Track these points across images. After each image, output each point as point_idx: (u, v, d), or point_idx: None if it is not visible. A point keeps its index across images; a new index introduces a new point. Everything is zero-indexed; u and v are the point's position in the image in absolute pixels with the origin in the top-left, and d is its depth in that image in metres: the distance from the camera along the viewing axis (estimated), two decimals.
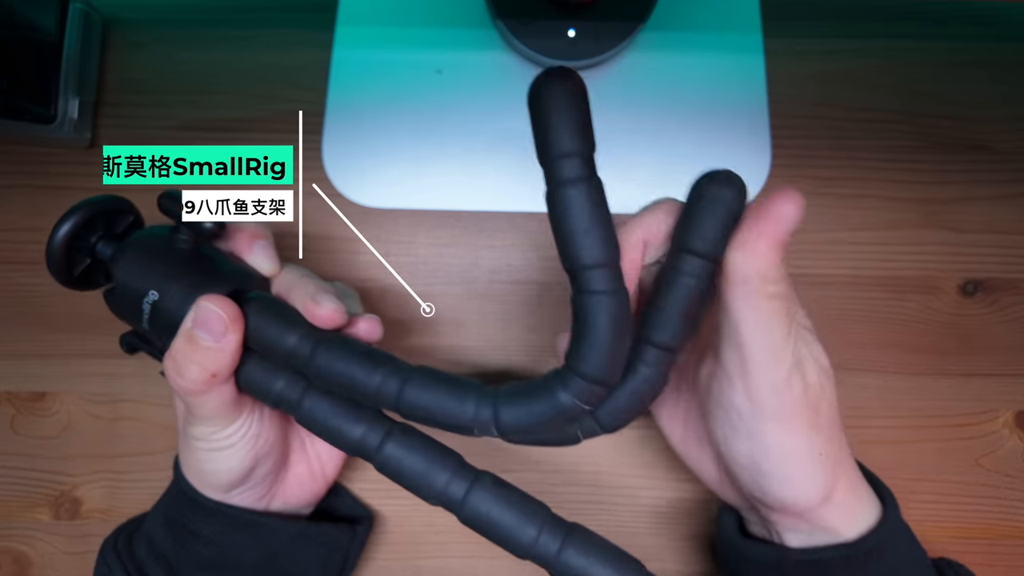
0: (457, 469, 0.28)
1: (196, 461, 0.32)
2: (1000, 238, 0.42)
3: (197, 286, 0.28)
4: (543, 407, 0.26)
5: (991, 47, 0.44)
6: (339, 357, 0.28)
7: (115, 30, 0.45)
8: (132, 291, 0.29)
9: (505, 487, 0.28)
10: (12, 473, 0.42)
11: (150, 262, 0.29)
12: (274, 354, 0.29)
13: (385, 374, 0.28)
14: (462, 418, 0.27)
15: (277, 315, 0.29)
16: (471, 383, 0.28)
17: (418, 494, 0.28)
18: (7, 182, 0.44)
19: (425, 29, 0.45)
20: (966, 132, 0.43)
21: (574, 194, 0.25)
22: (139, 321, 0.29)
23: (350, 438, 0.28)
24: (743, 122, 0.43)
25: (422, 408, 0.27)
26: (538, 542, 0.27)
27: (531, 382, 0.27)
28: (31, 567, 0.42)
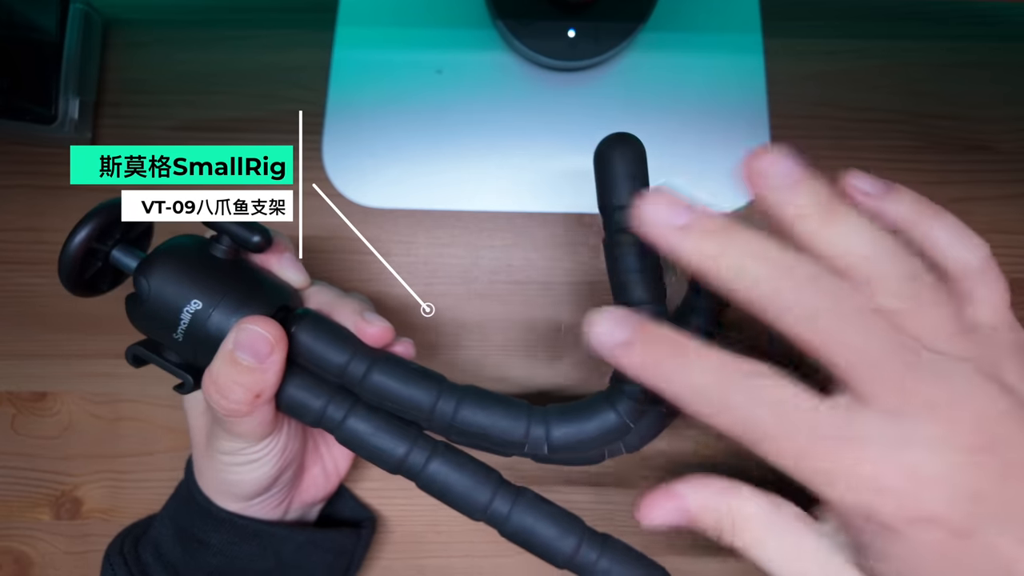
0: (499, 486, 0.29)
1: (221, 474, 0.32)
2: (1002, 238, 0.42)
3: (246, 300, 0.28)
4: (594, 425, 0.28)
5: (993, 47, 0.44)
6: (395, 376, 0.28)
7: (115, 30, 0.46)
8: (168, 301, 0.28)
9: (545, 502, 0.29)
10: (13, 473, 0.42)
11: (190, 271, 0.28)
12: (325, 371, 0.29)
13: (441, 393, 0.28)
14: (515, 436, 0.28)
15: (329, 333, 0.29)
16: (522, 403, 0.29)
17: (463, 510, 0.29)
18: (7, 182, 0.44)
19: (425, 29, 0.45)
20: (967, 132, 0.43)
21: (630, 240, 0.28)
22: (171, 331, 0.28)
23: (395, 457, 0.28)
24: (743, 122, 0.43)
25: (477, 426, 0.28)
26: (578, 552, 0.28)
27: (580, 402, 0.29)
28: (32, 567, 0.42)
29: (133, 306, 0.29)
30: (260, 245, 0.29)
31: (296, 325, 0.28)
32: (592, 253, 0.43)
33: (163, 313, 0.28)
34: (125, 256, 0.29)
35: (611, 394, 0.28)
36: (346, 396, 0.29)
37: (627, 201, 0.28)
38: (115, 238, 0.30)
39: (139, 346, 0.30)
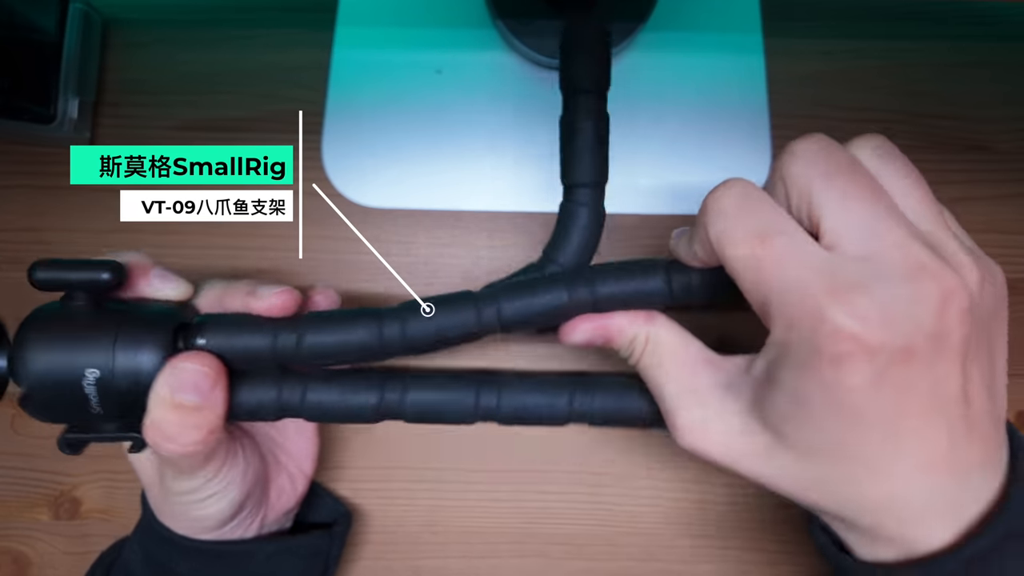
0: (479, 383, 0.29)
1: (185, 512, 0.31)
2: (1001, 238, 0.42)
3: (138, 340, 0.26)
4: (544, 300, 0.27)
5: (992, 47, 0.44)
6: (327, 328, 0.27)
7: (115, 30, 0.45)
8: (59, 383, 0.25)
9: (527, 376, 0.29)
10: (12, 473, 0.42)
11: (61, 343, 0.26)
12: (255, 361, 0.27)
13: (381, 320, 0.27)
14: (470, 325, 0.28)
15: (239, 325, 0.27)
16: (465, 293, 0.29)
17: (457, 421, 0.29)
18: (7, 182, 0.44)
19: (425, 29, 0.45)
20: (966, 132, 0.43)
21: (585, 126, 0.31)
22: (84, 410, 0.26)
23: (369, 408, 0.28)
24: (743, 122, 0.43)
25: (433, 333, 0.27)
26: (573, 404, 0.29)
27: (522, 280, 0.29)
28: (30, 567, 0.42)
29: (30, 406, 0.27)
30: (113, 280, 0.26)
31: (201, 335, 0.27)
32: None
33: (65, 399, 0.26)
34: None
35: (572, 276, 0.28)
36: (293, 377, 0.28)
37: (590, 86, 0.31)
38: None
39: (68, 434, 0.28)
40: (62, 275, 0.26)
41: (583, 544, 0.41)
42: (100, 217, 0.43)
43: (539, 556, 0.41)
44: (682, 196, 0.43)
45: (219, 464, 0.29)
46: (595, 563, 0.41)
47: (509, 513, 0.41)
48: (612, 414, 0.29)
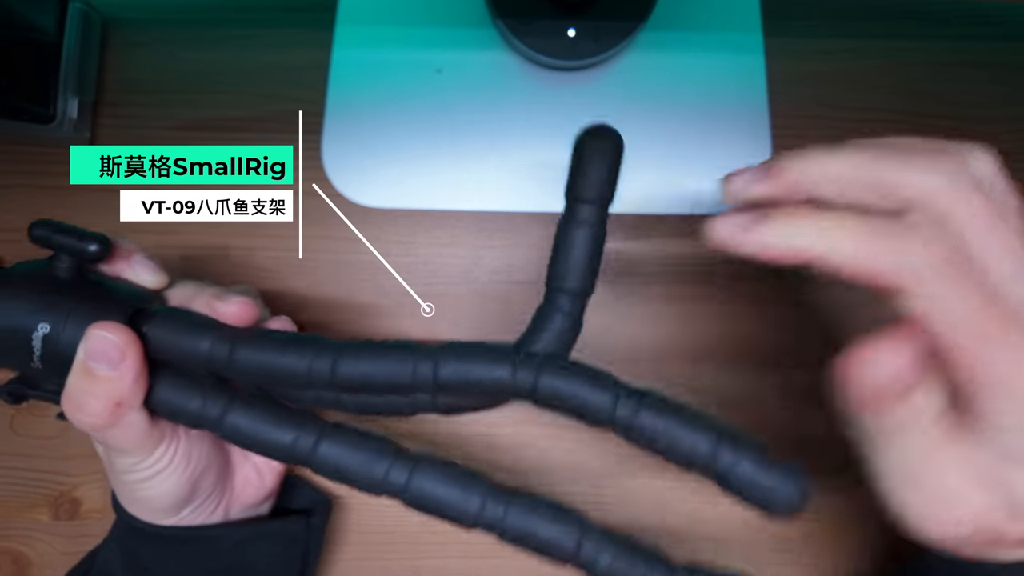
0: (396, 454, 0.27)
1: (130, 492, 0.31)
2: None
3: (93, 311, 0.27)
4: (483, 370, 0.26)
5: (991, 47, 0.44)
6: (263, 347, 0.27)
7: (114, 30, 0.45)
8: (15, 328, 0.27)
9: (447, 464, 0.27)
10: (11, 473, 0.42)
11: (31, 295, 0.27)
12: (192, 363, 0.27)
13: (318, 351, 0.26)
14: (403, 377, 0.26)
15: (186, 323, 0.27)
16: (407, 345, 0.27)
17: (362, 487, 0.27)
18: (6, 182, 0.44)
19: (425, 29, 0.45)
20: (966, 132, 0.43)
21: (581, 234, 0.29)
22: (28, 361, 0.27)
23: (282, 444, 0.27)
24: (743, 122, 0.43)
25: (360, 375, 0.26)
26: (484, 511, 0.27)
27: (476, 343, 0.27)
28: (30, 567, 0.42)
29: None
30: (98, 253, 0.27)
31: (148, 323, 0.27)
32: None
33: (13, 344, 0.27)
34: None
35: (517, 349, 0.27)
36: (223, 392, 0.28)
37: (593, 196, 0.29)
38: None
39: (13, 383, 0.29)
40: (54, 236, 0.27)
41: None
42: (100, 217, 0.43)
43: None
44: (682, 196, 0.43)
45: (152, 444, 0.28)
46: None
47: None
48: None
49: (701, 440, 0.25)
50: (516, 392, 0.26)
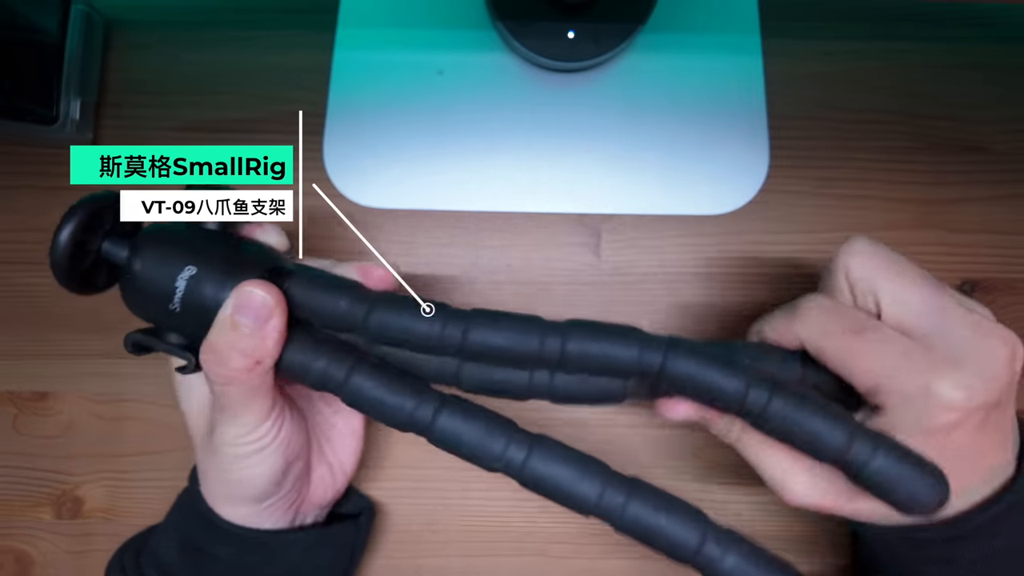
0: (513, 432, 0.28)
1: (226, 473, 0.31)
2: (997, 238, 0.42)
3: (236, 264, 0.28)
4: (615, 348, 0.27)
5: (989, 49, 0.44)
6: (398, 309, 0.27)
7: (117, 31, 0.46)
8: (160, 271, 0.28)
9: (565, 448, 0.28)
10: (14, 472, 0.43)
11: (178, 242, 0.28)
12: (326, 321, 0.28)
13: (448, 316, 0.27)
14: (531, 347, 0.27)
15: (324, 281, 0.28)
16: (536, 318, 0.28)
17: (477, 461, 0.28)
18: (9, 182, 0.44)
19: (425, 30, 0.45)
20: (963, 133, 0.43)
21: None
22: (167, 303, 0.28)
23: (403, 410, 0.27)
24: (742, 123, 0.43)
25: (490, 343, 0.27)
26: (603, 498, 0.27)
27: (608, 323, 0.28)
28: (33, 566, 0.42)
29: (127, 287, 0.29)
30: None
31: (287, 280, 0.28)
32: (592, 253, 0.43)
33: (157, 285, 0.28)
34: (116, 247, 0.29)
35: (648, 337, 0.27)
36: (349, 354, 0.28)
37: None
38: (104, 231, 0.29)
39: (138, 333, 0.30)
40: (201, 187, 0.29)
41: (583, 544, 0.41)
42: None
43: (539, 555, 0.41)
44: (682, 196, 0.43)
45: (266, 412, 0.29)
46: (595, 562, 0.41)
47: (509, 512, 0.41)
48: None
49: (836, 431, 0.26)
50: (642, 371, 0.27)
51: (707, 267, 0.43)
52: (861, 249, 0.29)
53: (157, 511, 0.42)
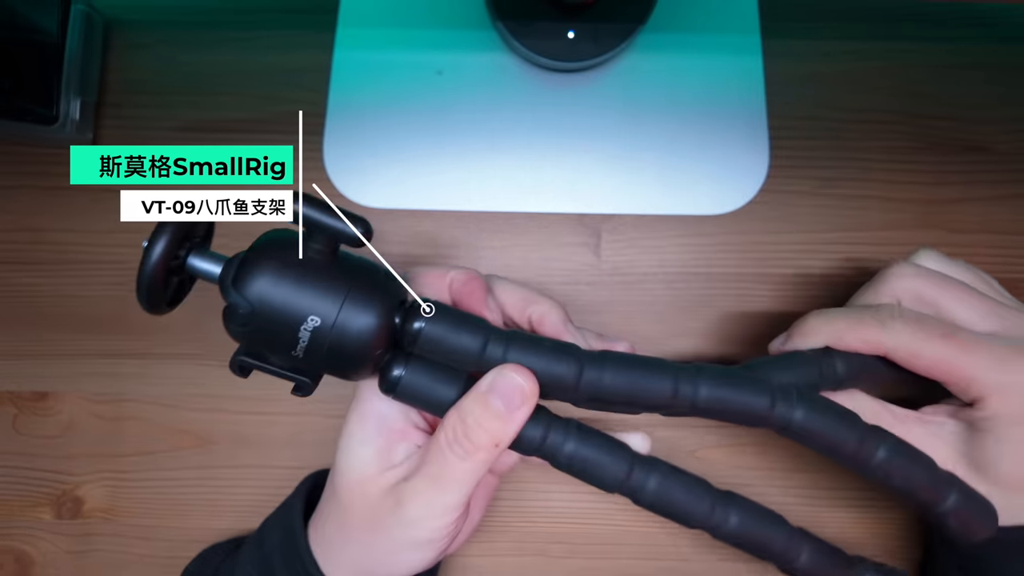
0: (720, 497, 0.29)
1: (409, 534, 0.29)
2: (997, 238, 0.42)
3: (367, 301, 0.26)
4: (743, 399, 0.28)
5: (989, 49, 0.44)
6: (534, 352, 0.28)
7: (117, 31, 0.46)
8: (278, 318, 0.26)
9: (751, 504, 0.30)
10: (14, 472, 0.43)
11: (294, 281, 0.26)
12: (459, 358, 0.28)
13: (579, 359, 0.28)
14: (663, 396, 0.28)
15: (459, 320, 0.28)
16: (665, 364, 0.28)
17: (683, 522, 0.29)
18: (9, 182, 0.44)
19: (425, 31, 0.45)
20: (964, 133, 0.43)
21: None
22: (286, 349, 0.26)
23: (616, 477, 0.28)
24: (742, 123, 0.43)
25: (614, 389, 0.28)
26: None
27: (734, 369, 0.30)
28: (33, 566, 0.42)
29: (234, 323, 0.26)
30: (360, 241, 0.26)
31: (421, 320, 0.27)
32: (592, 253, 0.43)
33: (274, 333, 0.26)
34: (203, 262, 0.27)
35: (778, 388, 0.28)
36: (559, 420, 0.28)
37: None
38: (186, 245, 0.27)
39: (244, 357, 0.28)
40: (319, 217, 0.26)
41: (583, 544, 0.41)
42: (101, 217, 0.43)
43: (539, 555, 0.41)
44: (682, 196, 0.43)
45: (471, 489, 0.29)
46: (595, 562, 0.41)
47: (509, 513, 0.41)
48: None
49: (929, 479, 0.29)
50: (769, 424, 0.28)
51: (707, 267, 0.43)
52: (913, 272, 0.31)
53: (157, 511, 0.42)
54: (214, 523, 0.42)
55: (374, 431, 0.30)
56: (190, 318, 0.43)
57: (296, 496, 0.35)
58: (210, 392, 0.42)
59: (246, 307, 0.26)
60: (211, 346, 0.43)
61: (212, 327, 0.43)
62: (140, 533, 0.42)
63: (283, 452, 0.42)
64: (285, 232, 0.28)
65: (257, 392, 0.42)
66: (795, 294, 0.42)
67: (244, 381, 0.42)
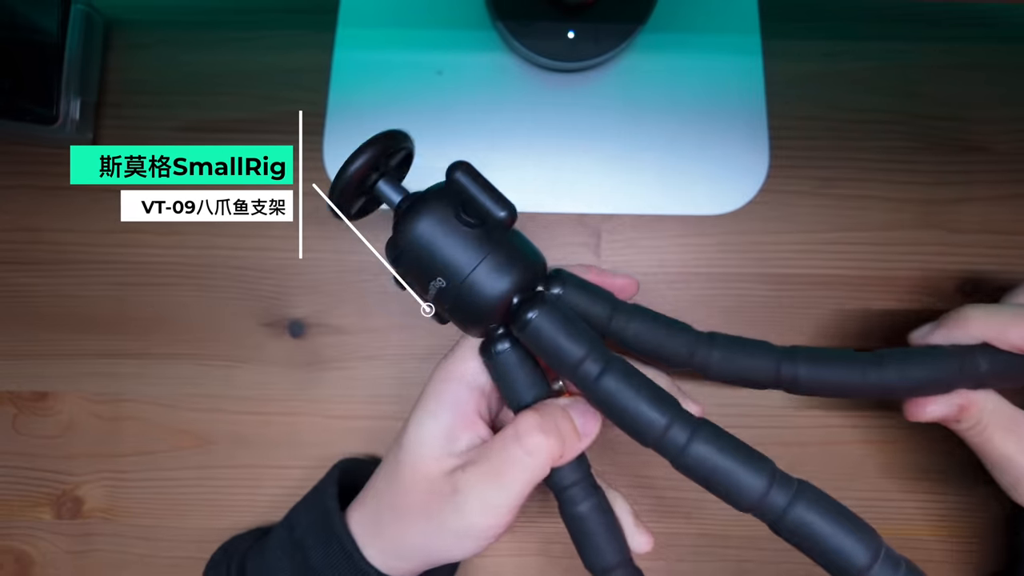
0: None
1: (462, 521, 0.29)
2: (997, 238, 0.42)
3: (490, 279, 0.28)
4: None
5: (989, 49, 0.44)
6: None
7: (117, 31, 0.46)
8: (418, 267, 0.29)
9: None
10: (14, 472, 0.43)
11: (437, 238, 0.28)
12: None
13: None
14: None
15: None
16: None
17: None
18: (9, 182, 0.44)
19: (425, 31, 0.45)
20: (964, 133, 0.43)
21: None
22: (424, 290, 0.29)
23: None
24: (742, 123, 0.43)
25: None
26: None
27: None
28: (33, 566, 0.42)
29: (392, 249, 0.30)
30: (506, 221, 0.29)
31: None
32: (592, 253, 0.43)
33: (414, 275, 0.29)
34: (389, 189, 0.30)
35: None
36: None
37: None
38: (381, 169, 0.30)
39: (397, 275, 0.31)
40: (471, 190, 0.29)
41: None
42: (100, 217, 0.43)
43: (539, 555, 0.41)
44: (681, 196, 0.43)
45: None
46: None
47: None
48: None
49: None
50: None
51: (707, 267, 0.43)
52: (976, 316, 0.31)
53: (156, 511, 0.42)
54: (213, 523, 0.42)
55: (447, 406, 0.30)
56: (189, 318, 0.43)
57: (328, 481, 0.36)
58: (209, 392, 0.42)
59: (402, 244, 0.29)
60: (210, 346, 0.43)
61: (212, 327, 0.43)
62: (140, 533, 0.42)
63: (282, 452, 0.42)
64: (448, 192, 0.30)
65: (255, 392, 0.42)
66: (795, 294, 0.42)
67: (242, 381, 0.42)
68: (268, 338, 0.43)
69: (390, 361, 0.43)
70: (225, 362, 0.43)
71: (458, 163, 0.29)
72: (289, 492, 0.42)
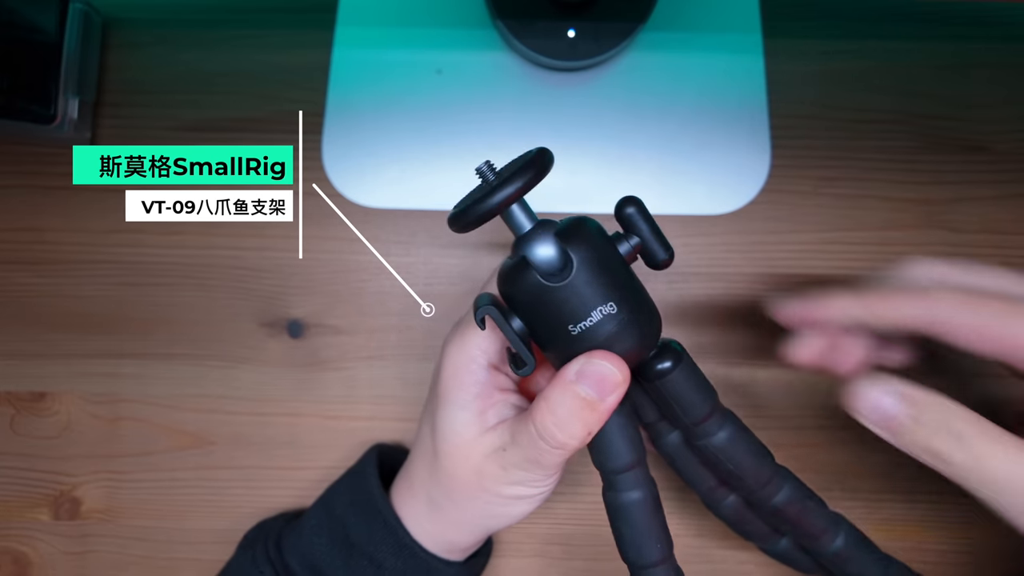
0: None
1: (490, 506, 0.31)
2: (997, 238, 0.42)
3: (653, 313, 0.27)
4: None
5: (990, 48, 0.44)
6: (742, 442, 0.29)
7: (115, 30, 0.46)
8: (581, 295, 0.26)
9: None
10: (12, 473, 0.42)
11: (605, 267, 0.26)
12: (681, 412, 0.28)
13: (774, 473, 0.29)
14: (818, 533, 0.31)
15: (698, 379, 0.28)
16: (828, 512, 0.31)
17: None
18: (7, 182, 0.44)
19: (425, 29, 0.45)
20: (964, 133, 0.43)
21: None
22: (566, 324, 0.26)
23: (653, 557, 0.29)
24: (743, 122, 0.43)
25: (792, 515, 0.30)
26: None
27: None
28: (31, 567, 0.42)
29: (524, 278, 0.27)
30: (665, 263, 0.28)
31: (678, 363, 0.27)
32: None
33: (570, 305, 0.26)
34: (523, 216, 0.28)
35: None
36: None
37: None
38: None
39: (495, 307, 0.27)
40: (642, 228, 0.28)
41: (583, 544, 0.41)
42: (101, 217, 0.43)
43: (539, 556, 0.41)
44: (682, 196, 0.43)
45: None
46: (595, 563, 0.41)
47: None
48: None
49: None
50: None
51: (708, 267, 0.42)
52: (930, 261, 0.30)
53: (155, 512, 0.42)
54: (212, 523, 0.41)
55: (472, 393, 0.30)
56: (189, 318, 0.43)
57: (367, 463, 0.36)
58: (208, 393, 0.42)
59: (566, 265, 0.26)
60: (209, 346, 0.42)
61: (211, 327, 0.43)
62: (138, 534, 0.42)
63: (281, 452, 0.42)
64: (597, 223, 0.29)
65: (255, 392, 0.42)
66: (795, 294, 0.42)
67: (241, 381, 0.42)
68: (267, 338, 0.42)
69: (390, 361, 0.43)
70: (224, 362, 0.42)
71: (625, 200, 0.28)
72: (288, 492, 0.42)
